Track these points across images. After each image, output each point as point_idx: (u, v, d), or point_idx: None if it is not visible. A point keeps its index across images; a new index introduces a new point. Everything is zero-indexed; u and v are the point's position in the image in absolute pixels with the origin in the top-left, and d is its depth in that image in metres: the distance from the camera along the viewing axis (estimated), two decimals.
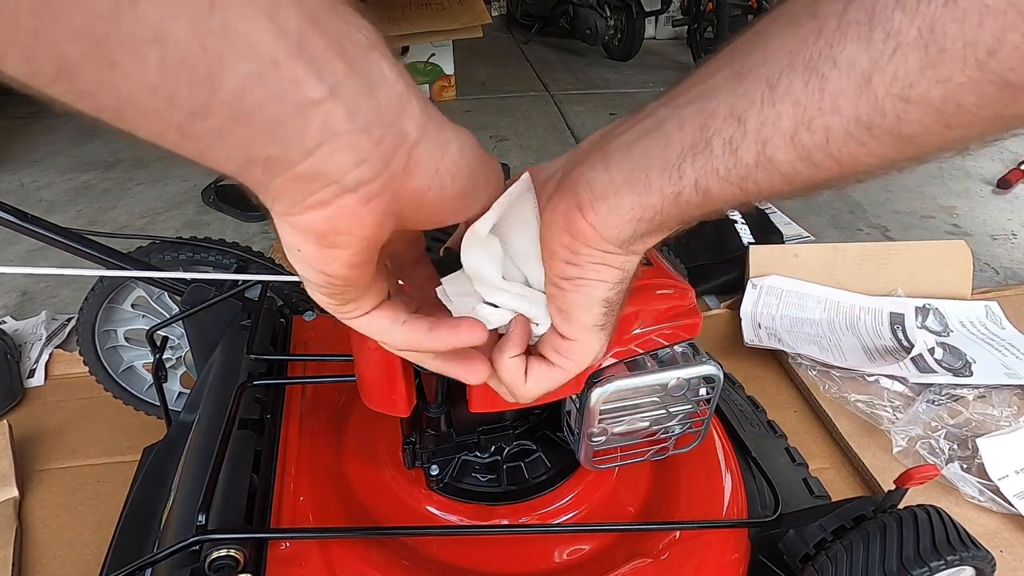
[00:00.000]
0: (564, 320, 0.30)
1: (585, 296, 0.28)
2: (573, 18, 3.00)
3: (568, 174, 0.27)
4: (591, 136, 0.30)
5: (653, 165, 0.24)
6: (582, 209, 0.26)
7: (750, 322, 1.04)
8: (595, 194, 0.26)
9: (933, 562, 0.46)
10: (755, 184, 0.23)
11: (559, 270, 0.28)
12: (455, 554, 0.52)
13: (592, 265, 0.27)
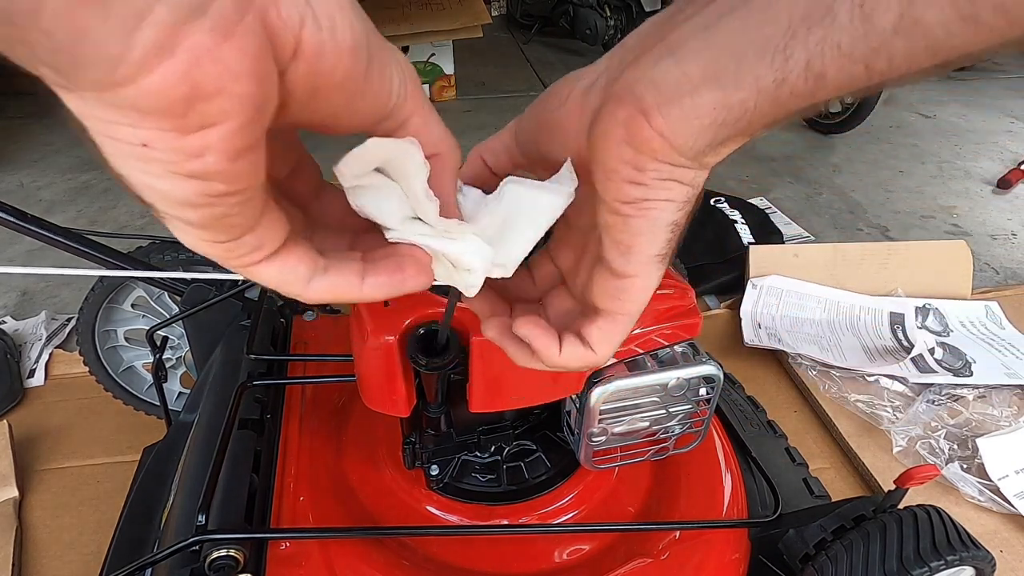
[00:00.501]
0: (622, 253, 0.25)
1: (650, 222, 0.24)
2: (573, 18, 3.00)
3: (618, 77, 0.23)
4: (639, 29, 0.25)
5: (747, 49, 0.20)
6: (648, 115, 0.22)
7: (750, 322, 1.04)
8: (664, 95, 0.21)
9: (933, 562, 0.46)
10: (887, 60, 0.18)
11: (619, 193, 0.23)
12: (455, 554, 0.52)
13: (660, 183, 0.23)
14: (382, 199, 0.25)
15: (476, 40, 2.29)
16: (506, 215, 0.27)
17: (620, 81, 0.23)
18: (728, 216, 1.39)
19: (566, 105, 0.27)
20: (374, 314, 0.43)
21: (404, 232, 0.26)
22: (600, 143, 0.23)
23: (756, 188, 1.68)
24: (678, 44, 0.22)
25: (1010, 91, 2.56)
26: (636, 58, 0.23)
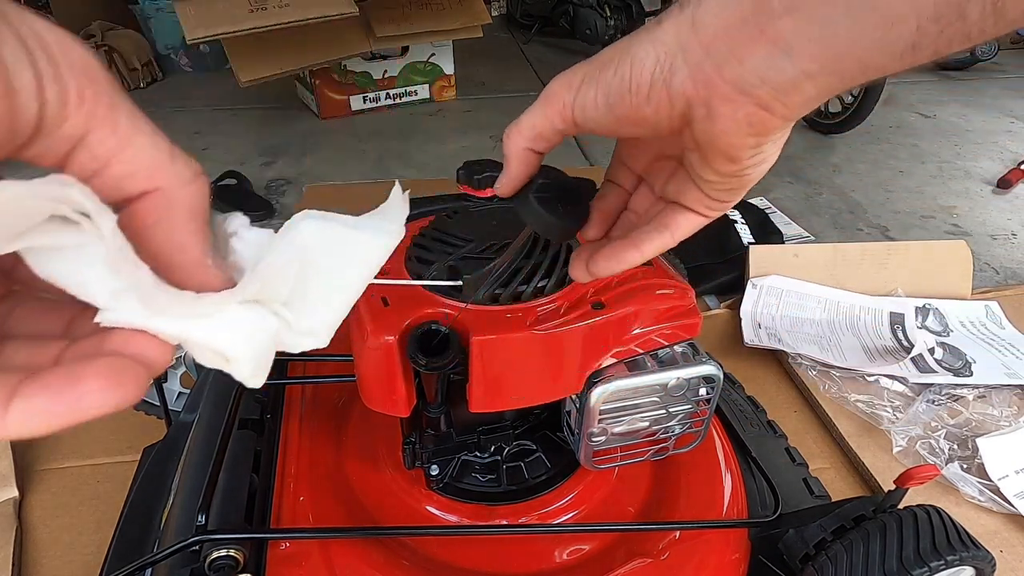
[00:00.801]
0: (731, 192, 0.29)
1: (761, 170, 0.28)
2: (573, 18, 3.00)
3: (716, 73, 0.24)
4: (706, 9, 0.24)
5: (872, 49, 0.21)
6: (769, 108, 0.24)
7: (750, 322, 1.04)
8: (781, 90, 0.23)
9: (933, 562, 0.46)
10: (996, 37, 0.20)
11: (738, 167, 0.27)
12: (455, 554, 0.52)
13: (774, 144, 0.26)
14: (81, 263, 0.17)
15: (476, 40, 2.29)
16: (307, 265, 0.21)
17: (723, 77, 0.23)
18: (728, 216, 1.39)
19: (651, 100, 0.27)
20: (374, 314, 0.43)
21: (118, 311, 0.18)
22: (720, 137, 0.25)
23: (756, 188, 1.67)
24: (788, 43, 0.22)
25: (1010, 91, 2.56)
26: (732, 51, 0.23)
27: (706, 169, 0.28)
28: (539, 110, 0.33)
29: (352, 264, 0.21)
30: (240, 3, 1.67)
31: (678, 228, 0.33)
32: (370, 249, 0.22)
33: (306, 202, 1.57)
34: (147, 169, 0.18)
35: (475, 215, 0.50)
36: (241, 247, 0.21)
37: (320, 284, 0.21)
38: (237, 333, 0.19)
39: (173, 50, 2.85)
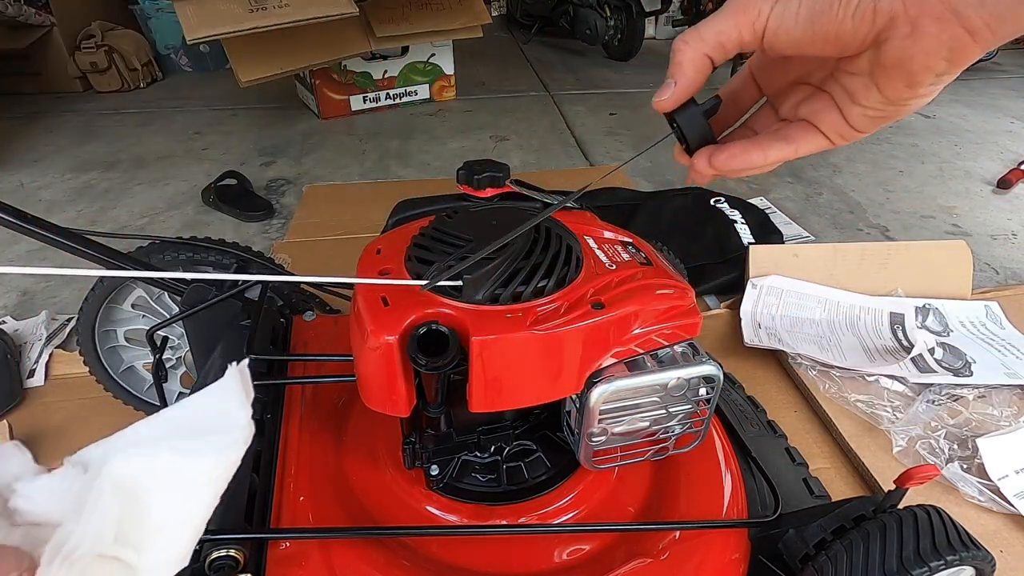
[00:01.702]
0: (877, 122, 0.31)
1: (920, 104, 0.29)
2: (573, 18, 3.00)
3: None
4: None
5: None
6: (974, 34, 0.24)
7: (750, 322, 1.04)
8: (997, 15, 0.24)
9: (933, 562, 0.46)
10: None
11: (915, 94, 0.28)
12: (455, 554, 0.52)
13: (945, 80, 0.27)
14: None
15: (476, 40, 2.29)
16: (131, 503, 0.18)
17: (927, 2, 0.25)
18: (728, 216, 1.39)
19: (856, 15, 0.27)
20: (374, 314, 0.43)
21: None
22: (915, 59, 0.26)
23: (756, 188, 1.68)
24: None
25: (1010, 91, 2.56)
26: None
27: (871, 94, 0.29)
28: (727, 18, 0.33)
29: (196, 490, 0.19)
30: (240, 3, 1.67)
31: (803, 145, 0.35)
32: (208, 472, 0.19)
33: (306, 202, 1.57)
34: None
35: (475, 215, 0.50)
36: (28, 504, 0.18)
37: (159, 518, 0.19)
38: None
39: (173, 50, 2.85)
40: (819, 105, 0.34)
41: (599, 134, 2.06)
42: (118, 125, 2.19)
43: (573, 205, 0.60)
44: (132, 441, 0.19)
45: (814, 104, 0.35)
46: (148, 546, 0.19)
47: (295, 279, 0.48)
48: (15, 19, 2.29)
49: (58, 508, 0.18)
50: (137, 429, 0.20)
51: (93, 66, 2.48)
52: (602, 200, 1.47)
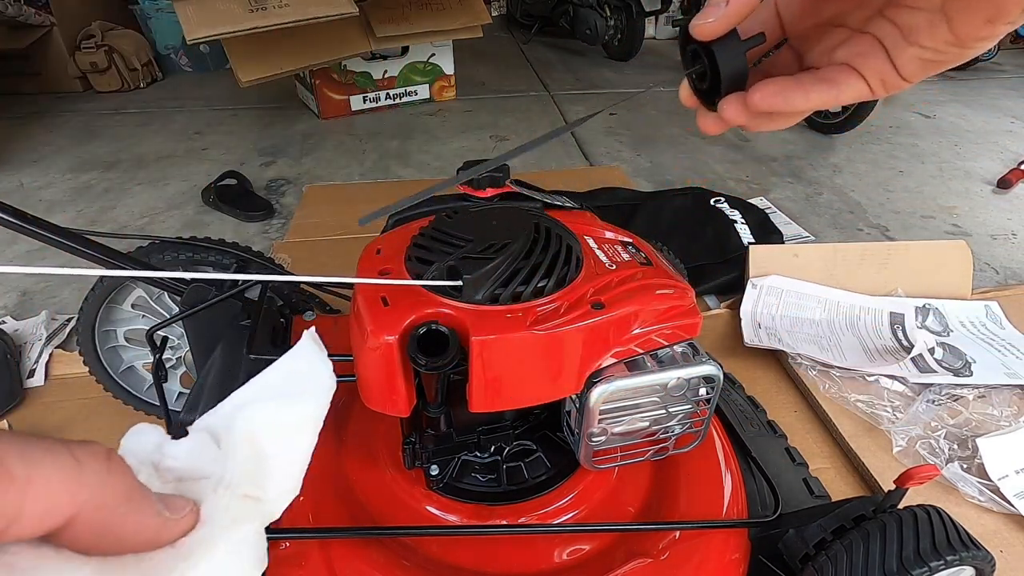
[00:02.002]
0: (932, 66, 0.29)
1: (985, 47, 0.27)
2: (573, 18, 3.00)
3: None
4: None
5: None
6: None
7: (750, 322, 1.04)
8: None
9: (933, 562, 0.46)
10: None
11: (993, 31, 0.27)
12: (455, 554, 0.52)
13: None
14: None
15: (476, 40, 2.29)
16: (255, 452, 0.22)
17: None
18: (728, 216, 1.39)
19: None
20: (374, 314, 0.43)
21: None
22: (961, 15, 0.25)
23: (756, 188, 1.68)
24: None
25: (1010, 91, 2.56)
26: None
27: (937, 32, 0.28)
28: None
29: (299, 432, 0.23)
30: (240, 3, 1.67)
31: (845, 90, 0.32)
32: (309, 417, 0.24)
33: (306, 202, 1.57)
34: (61, 495, 0.17)
35: (475, 215, 0.50)
36: (175, 463, 0.22)
37: (276, 459, 0.23)
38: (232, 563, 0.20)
39: (173, 50, 2.85)
40: (860, 48, 0.32)
41: (599, 134, 2.06)
42: (118, 125, 2.19)
43: (573, 205, 0.60)
44: (241, 403, 0.23)
45: (854, 47, 0.32)
46: (271, 483, 0.23)
47: (295, 279, 0.48)
48: (15, 19, 2.29)
49: (197, 464, 0.22)
50: (241, 394, 0.24)
51: (93, 66, 2.48)
52: (602, 200, 1.47)
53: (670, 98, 2.42)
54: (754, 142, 2.01)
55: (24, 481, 0.17)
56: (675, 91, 0.39)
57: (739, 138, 2.04)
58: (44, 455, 0.17)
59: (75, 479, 0.18)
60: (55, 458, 0.17)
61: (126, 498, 0.19)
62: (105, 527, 0.18)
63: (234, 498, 0.21)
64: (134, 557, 0.19)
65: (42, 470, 0.17)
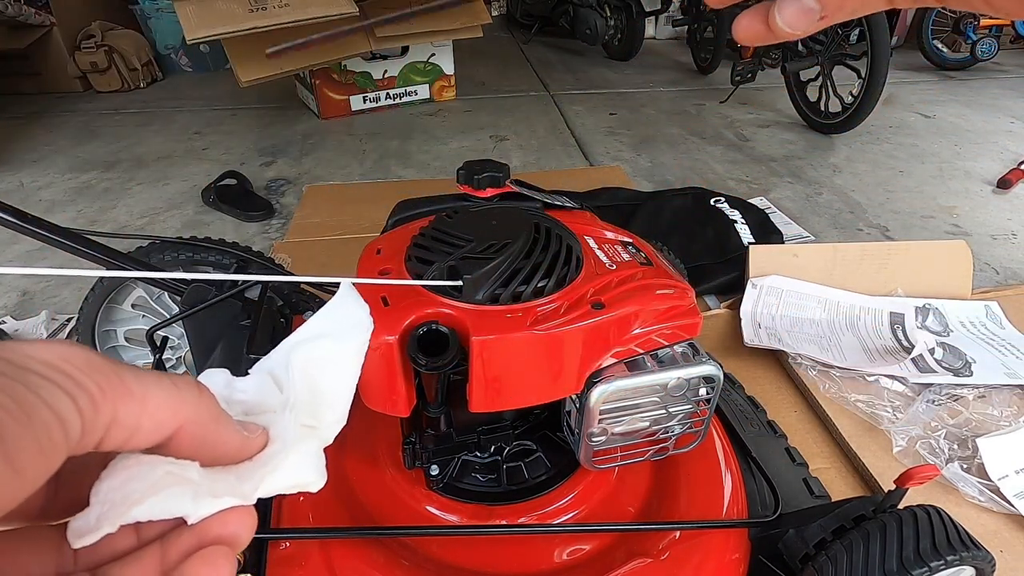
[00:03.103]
0: None
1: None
2: (573, 18, 3.00)
3: None
4: None
5: None
6: None
7: (750, 322, 1.04)
8: None
9: (933, 562, 0.46)
10: None
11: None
12: (455, 554, 0.52)
13: None
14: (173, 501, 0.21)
15: (476, 40, 2.29)
16: (309, 385, 0.26)
17: None
18: (728, 216, 1.39)
19: None
20: (374, 314, 0.43)
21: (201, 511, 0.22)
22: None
23: (756, 188, 1.68)
24: None
25: (1010, 91, 2.56)
26: None
27: None
28: None
29: (345, 366, 0.27)
30: (240, 3, 1.67)
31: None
32: (352, 349, 0.28)
33: (306, 202, 1.57)
34: (168, 412, 0.21)
35: (475, 215, 0.50)
36: (243, 396, 0.26)
37: (327, 391, 0.26)
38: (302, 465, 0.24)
39: (173, 50, 2.85)
40: None
41: (599, 134, 2.06)
42: (118, 125, 2.20)
43: (573, 205, 0.60)
44: (295, 343, 0.27)
45: None
46: (324, 412, 0.26)
47: (295, 279, 0.48)
48: (15, 19, 2.29)
49: (260, 399, 0.26)
50: (296, 336, 0.28)
51: (93, 66, 2.48)
52: (602, 200, 1.47)
53: (670, 98, 2.42)
54: (754, 142, 2.01)
55: (141, 398, 0.20)
56: (675, 91, 0.36)
57: (739, 138, 2.04)
58: (152, 378, 0.21)
59: (177, 398, 0.21)
60: (159, 381, 0.21)
61: (215, 418, 0.22)
62: (201, 440, 0.22)
63: (296, 425, 0.25)
64: (223, 467, 0.23)
65: (153, 390, 0.20)
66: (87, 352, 0.20)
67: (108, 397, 0.19)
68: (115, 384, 0.19)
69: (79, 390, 0.18)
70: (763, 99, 2.43)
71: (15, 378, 0.17)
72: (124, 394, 0.19)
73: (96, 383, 0.19)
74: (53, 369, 0.18)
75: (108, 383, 0.19)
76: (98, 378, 0.19)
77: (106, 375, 0.19)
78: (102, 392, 0.19)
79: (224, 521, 0.22)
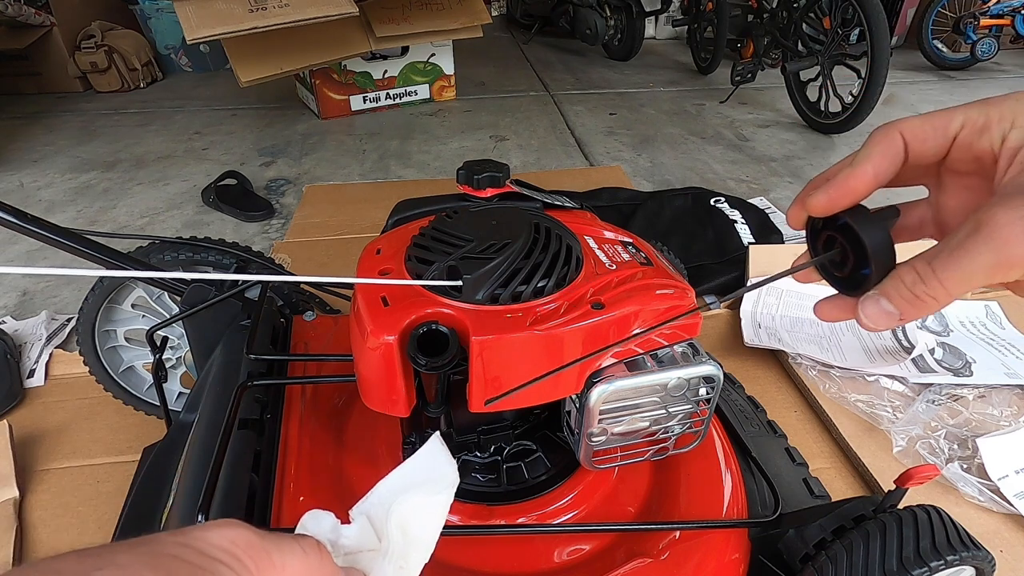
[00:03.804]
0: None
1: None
2: (573, 18, 3.00)
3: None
4: None
5: None
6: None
7: (750, 322, 1.04)
8: None
9: (933, 562, 0.46)
10: None
11: None
12: (455, 554, 0.52)
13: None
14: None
15: (476, 40, 2.29)
16: (402, 533, 0.30)
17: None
18: (728, 216, 1.39)
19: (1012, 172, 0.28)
20: (374, 314, 0.43)
21: None
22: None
23: (756, 188, 1.68)
24: None
25: (1010, 91, 2.56)
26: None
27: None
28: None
29: (434, 516, 0.31)
30: (240, 3, 1.67)
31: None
32: (442, 502, 0.31)
33: (306, 202, 1.57)
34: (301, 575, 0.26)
35: (475, 215, 0.50)
36: (347, 542, 0.30)
37: (416, 537, 0.30)
38: None
39: (173, 50, 2.85)
40: None
41: (599, 134, 2.06)
42: (118, 125, 2.20)
43: (573, 205, 0.60)
44: (390, 492, 0.31)
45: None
46: (412, 555, 0.30)
47: (295, 279, 0.48)
48: (15, 19, 2.29)
49: (360, 543, 0.30)
50: (388, 483, 0.32)
51: (93, 66, 2.48)
52: (602, 200, 1.47)
53: (670, 98, 2.42)
54: (754, 142, 2.01)
55: (281, 568, 0.25)
56: (675, 91, 0.37)
57: (739, 138, 2.04)
58: (288, 548, 0.26)
59: (305, 565, 0.26)
60: (292, 550, 0.26)
61: (332, 574, 0.27)
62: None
63: (394, 570, 0.30)
64: None
65: (289, 559, 0.26)
66: (247, 532, 0.25)
67: (262, 571, 0.24)
68: (265, 560, 0.25)
69: (245, 570, 0.24)
70: (763, 99, 2.43)
71: (203, 566, 0.23)
72: (269, 567, 0.25)
73: (253, 561, 0.24)
74: (226, 553, 0.24)
75: (260, 559, 0.25)
76: (255, 556, 0.24)
77: (259, 552, 0.25)
78: (258, 568, 0.24)
79: None
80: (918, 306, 0.28)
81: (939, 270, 0.27)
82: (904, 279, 0.28)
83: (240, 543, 0.24)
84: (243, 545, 0.24)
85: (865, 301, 0.30)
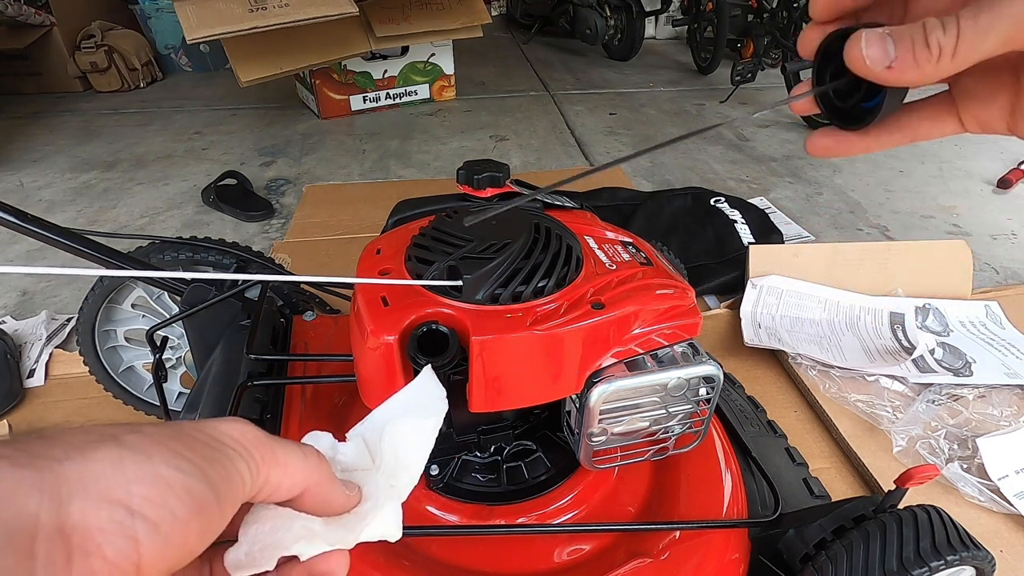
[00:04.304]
0: None
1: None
2: (573, 18, 3.00)
3: None
4: None
5: None
6: None
7: (750, 322, 1.04)
8: None
9: (933, 562, 0.46)
10: None
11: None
12: (455, 554, 0.52)
13: None
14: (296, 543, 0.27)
15: (476, 40, 2.29)
16: (394, 453, 0.32)
17: None
18: (728, 216, 1.39)
19: None
20: (374, 314, 0.43)
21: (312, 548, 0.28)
22: None
23: (756, 188, 1.68)
24: None
25: None
26: None
27: None
28: None
29: (423, 439, 0.32)
30: (240, 3, 1.67)
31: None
32: (431, 426, 0.33)
33: (306, 202, 1.57)
34: (301, 476, 0.27)
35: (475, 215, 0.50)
36: (344, 458, 0.32)
37: (407, 458, 0.32)
38: (387, 521, 0.30)
39: (173, 50, 2.85)
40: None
41: (599, 134, 2.06)
42: (118, 125, 2.20)
43: (573, 205, 0.60)
44: (384, 417, 0.33)
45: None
46: (402, 475, 0.31)
47: (295, 279, 0.48)
48: (15, 19, 2.29)
49: (356, 460, 0.32)
50: (383, 409, 0.34)
51: (93, 66, 2.48)
52: (602, 200, 1.47)
53: (670, 98, 2.42)
54: (754, 142, 2.01)
55: (284, 465, 0.26)
56: (675, 91, 0.37)
57: (739, 138, 2.04)
58: (291, 449, 0.27)
59: (307, 465, 0.27)
60: (294, 451, 0.27)
61: (330, 480, 0.29)
62: (320, 498, 0.28)
63: (386, 486, 0.31)
64: (333, 518, 0.29)
65: (292, 458, 0.27)
66: (255, 429, 0.27)
67: (266, 463, 0.26)
68: (269, 454, 0.26)
69: (252, 459, 0.25)
70: (763, 99, 2.43)
71: (218, 450, 0.24)
72: (274, 462, 0.26)
73: (260, 453, 0.26)
74: (237, 443, 0.25)
75: (267, 453, 0.26)
76: (261, 449, 0.26)
77: (265, 447, 0.26)
78: (264, 460, 0.26)
79: (327, 559, 0.28)
80: (920, 56, 0.27)
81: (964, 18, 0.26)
82: (927, 23, 0.27)
83: (249, 436, 0.26)
84: (251, 438, 0.26)
85: (870, 34, 0.28)
